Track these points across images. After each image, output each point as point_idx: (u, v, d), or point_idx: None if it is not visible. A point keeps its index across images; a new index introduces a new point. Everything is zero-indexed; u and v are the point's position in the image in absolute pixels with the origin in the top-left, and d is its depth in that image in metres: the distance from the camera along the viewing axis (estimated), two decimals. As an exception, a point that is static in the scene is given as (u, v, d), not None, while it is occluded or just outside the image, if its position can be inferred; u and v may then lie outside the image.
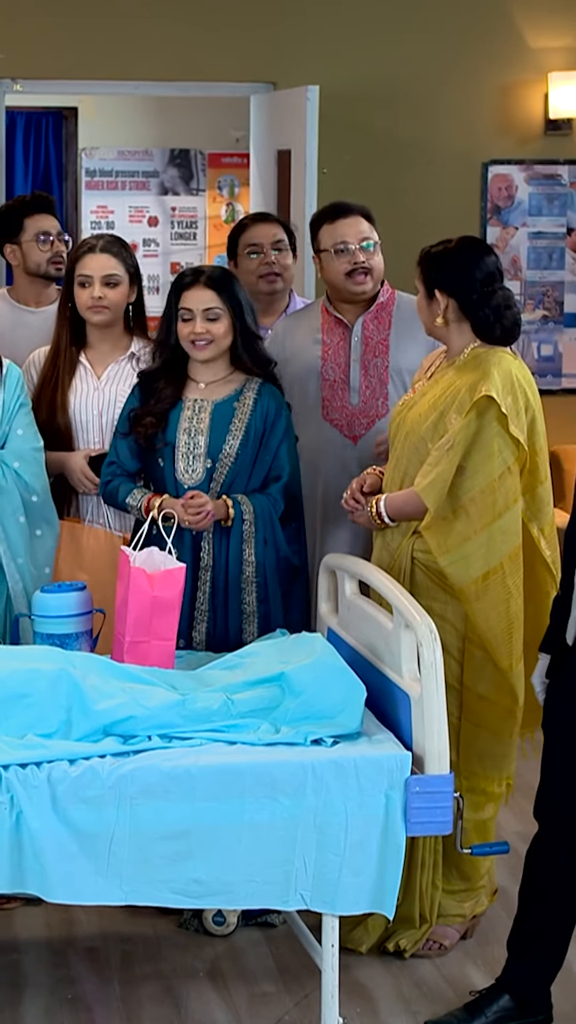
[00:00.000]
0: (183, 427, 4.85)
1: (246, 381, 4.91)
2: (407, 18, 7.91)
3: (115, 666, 4.28)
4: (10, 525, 4.81)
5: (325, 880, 3.97)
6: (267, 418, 4.86)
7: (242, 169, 9.77)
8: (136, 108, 10.57)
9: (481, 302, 4.63)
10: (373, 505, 4.74)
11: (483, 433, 4.54)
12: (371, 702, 4.21)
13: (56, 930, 4.85)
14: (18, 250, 5.76)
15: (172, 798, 3.90)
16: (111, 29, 7.80)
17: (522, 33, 8.02)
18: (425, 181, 7.98)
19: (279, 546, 4.84)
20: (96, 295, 5.14)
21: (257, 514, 4.79)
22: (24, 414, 4.91)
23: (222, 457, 4.81)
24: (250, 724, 4.08)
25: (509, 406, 4.54)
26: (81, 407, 5.19)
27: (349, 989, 4.47)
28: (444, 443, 4.57)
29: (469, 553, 4.55)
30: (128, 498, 4.88)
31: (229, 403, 4.86)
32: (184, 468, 4.83)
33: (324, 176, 7.29)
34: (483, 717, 4.65)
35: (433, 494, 4.56)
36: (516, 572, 4.60)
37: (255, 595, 4.83)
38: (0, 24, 7.71)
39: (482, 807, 4.74)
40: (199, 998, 4.49)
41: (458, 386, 4.62)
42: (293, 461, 4.91)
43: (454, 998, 4.48)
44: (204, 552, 4.82)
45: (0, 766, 3.86)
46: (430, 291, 4.71)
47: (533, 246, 8.26)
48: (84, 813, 3.86)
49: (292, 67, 7.80)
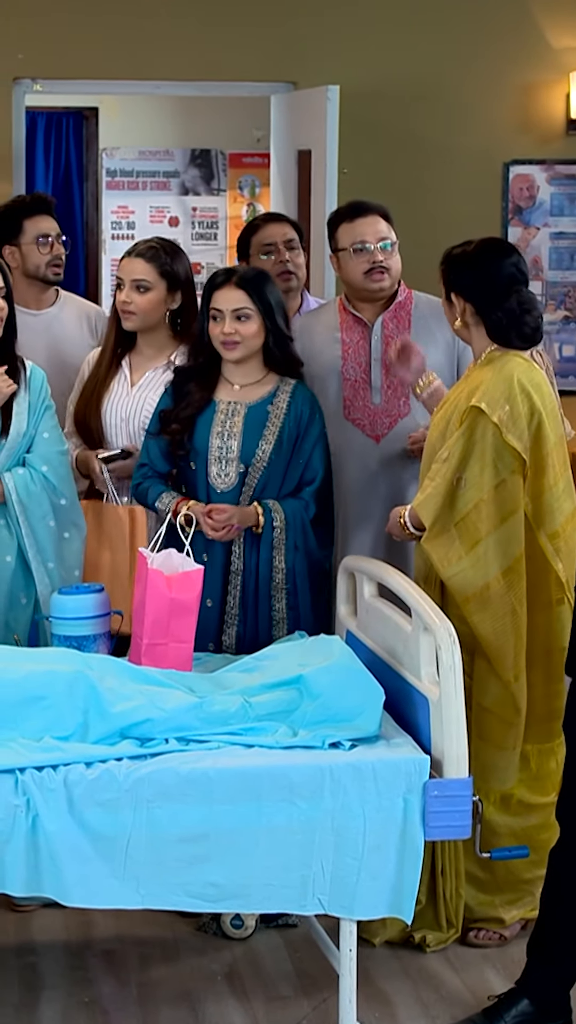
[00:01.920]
0: (215, 431, 4.83)
1: (280, 383, 4.89)
2: (428, 17, 7.89)
3: (132, 668, 4.27)
4: (40, 529, 4.80)
5: (343, 884, 3.95)
6: (300, 422, 4.84)
7: (263, 169, 9.76)
8: (157, 108, 10.57)
9: (495, 305, 4.60)
10: (401, 516, 4.72)
11: (477, 445, 4.50)
12: (389, 705, 4.19)
13: (73, 933, 4.84)
14: (17, 252, 5.70)
15: (189, 801, 3.88)
16: (131, 29, 7.79)
17: (544, 32, 7.99)
18: (446, 181, 7.96)
19: (311, 551, 4.82)
20: (124, 299, 5.16)
21: (288, 521, 4.77)
22: (49, 417, 4.90)
23: (255, 462, 4.80)
24: (268, 727, 4.07)
25: (505, 415, 4.49)
26: (112, 410, 5.20)
27: (368, 993, 4.45)
28: (441, 455, 4.55)
29: (469, 565, 4.52)
30: (157, 501, 4.87)
31: (263, 406, 4.85)
32: (217, 472, 4.81)
33: (344, 176, 7.27)
34: (486, 729, 4.62)
35: (428, 509, 4.54)
36: (519, 583, 4.55)
37: (285, 601, 4.81)
38: (20, 24, 7.71)
39: (516, 813, 4.72)
40: (216, 1002, 4.48)
41: (462, 394, 4.60)
42: (326, 464, 4.90)
43: (473, 1002, 4.46)
44: (235, 556, 4.80)
45: (16, 769, 3.85)
46: (448, 293, 4.69)
47: (555, 246, 8.23)
48: (100, 816, 3.85)
49: (312, 67, 7.79)
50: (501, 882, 4.79)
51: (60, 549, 4.86)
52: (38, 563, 4.81)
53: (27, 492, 4.78)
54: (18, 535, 4.80)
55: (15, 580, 4.79)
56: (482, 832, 4.26)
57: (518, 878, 4.77)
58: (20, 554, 4.82)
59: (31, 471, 4.80)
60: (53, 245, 5.70)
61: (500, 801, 4.71)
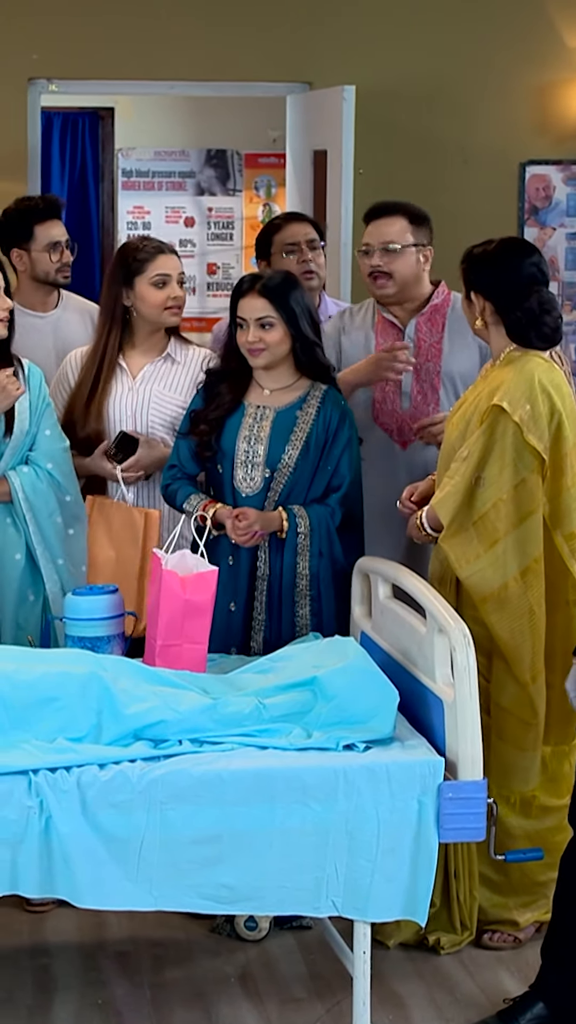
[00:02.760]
0: (243, 434, 4.82)
1: (311, 388, 4.87)
2: (443, 17, 7.88)
3: (146, 670, 4.26)
4: (47, 527, 4.81)
5: (357, 886, 3.94)
6: (329, 427, 4.81)
7: (279, 169, 9.75)
8: (172, 108, 10.56)
9: (514, 305, 4.59)
10: (419, 516, 4.71)
11: (497, 444, 4.49)
12: (404, 707, 4.18)
13: (87, 934, 4.84)
14: (26, 256, 5.68)
15: (203, 803, 3.87)
16: (147, 29, 7.79)
17: (560, 32, 7.97)
18: (462, 181, 7.94)
19: (335, 558, 4.80)
20: (176, 295, 5.17)
21: (312, 527, 4.76)
22: (49, 414, 4.91)
23: (280, 467, 4.78)
24: (282, 729, 4.06)
25: (526, 414, 4.48)
26: (116, 408, 5.18)
27: (381, 996, 4.44)
28: (461, 454, 4.54)
29: (487, 565, 4.51)
30: (185, 503, 4.87)
31: (291, 411, 4.83)
32: (242, 476, 4.80)
33: (360, 176, 7.26)
34: (505, 730, 4.61)
35: (447, 507, 4.53)
36: (537, 583, 4.54)
37: (309, 607, 4.79)
38: (35, 24, 7.71)
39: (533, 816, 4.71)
40: (230, 1003, 4.47)
41: (483, 394, 4.58)
42: (355, 471, 4.87)
43: (487, 1005, 4.45)
44: (260, 562, 4.80)
45: (30, 770, 3.84)
46: (468, 292, 4.68)
47: (571, 247, 8.21)
48: (114, 818, 3.84)
49: (328, 67, 7.78)
50: (515, 884, 4.78)
51: (67, 545, 4.86)
52: (46, 560, 4.81)
53: (34, 490, 4.79)
54: (25, 533, 4.80)
55: (23, 578, 4.81)
56: (497, 834, 4.24)
57: (532, 880, 4.76)
58: (28, 552, 4.82)
59: (36, 469, 4.81)
60: (63, 252, 5.69)
61: (520, 804, 4.69)
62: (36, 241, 5.65)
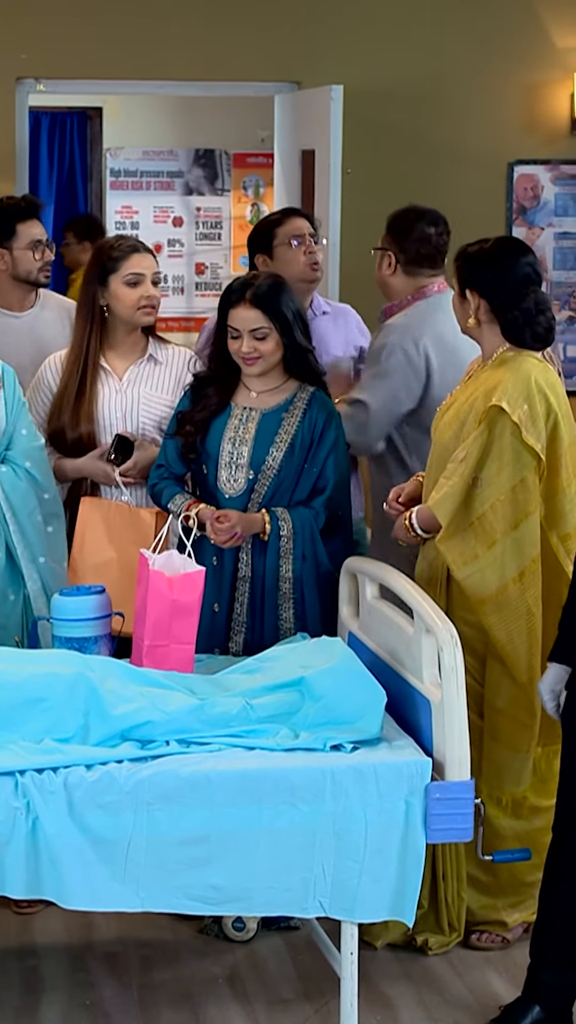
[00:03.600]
0: (228, 436, 4.81)
1: (298, 390, 4.85)
2: (432, 17, 7.88)
3: (133, 670, 4.25)
4: (28, 525, 4.81)
5: (344, 887, 3.94)
6: (315, 429, 4.79)
7: (267, 169, 9.74)
8: (161, 108, 10.55)
9: (511, 304, 4.59)
10: (407, 517, 4.70)
11: (495, 444, 4.49)
12: (392, 707, 4.18)
13: (75, 935, 4.83)
14: (8, 255, 5.66)
15: (190, 804, 3.87)
16: (135, 29, 7.78)
17: (548, 32, 7.97)
18: (450, 181, 7.94)
19: (319, 561, 4.78)
20: (149, 294, 5.15)
21: (296, 530, 4.74)
22: (25, 413, 4.90)
23: (264, 469, 4.77)
24: (269, 729, 4.05)
25: (524, 414, 4.48)
26: (105, 410, 5.17)
27: (369, 996, 4.44)
28: (458, 454, 4.54)
29: (485, 566, 4.51)
30: (170, 503, 4.86)
31: (277, 413, 4.81)
32: (226, 478, 4.79)
33: (348, 176, 7.26)
34: (500, 731, 4.61)
35: (445, 508, 4.52)
36: (535, 584, 4.54)
37: (292, 611, 4.78)
38: (24, 24, 7.70)
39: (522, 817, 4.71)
40: (218, 1004, 4.46)
41: (477, 394, 4.58)
42: (340, 474, 4.84)
43: (475, 1006, 4.45)
44: (242, 564, 4.79)
45: (16, 771, 3.84)
46: (463, 290, 4.68)
47: (559, 246, 8.22)
48: (101, 819, 3.84)
49: (316, 66, 7.78)
50: (504, 885, 4.77)
51: (48, 543, 4.86)
52: (27, 559, 4.80)
53: (14, 489, 4.78)
54: (5, 533, 4.79)
55: (3, 577, 4.80)
56: (486, 835, 4.24)
57: (520, 881, 4.76)
58: (7, 551, 4.81)
59: (15, 468, 4.80)
60: (45, 251, 5.68)
61: (512, 805, 4.69)
62: (18, 239, 5.64)
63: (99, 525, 5.09)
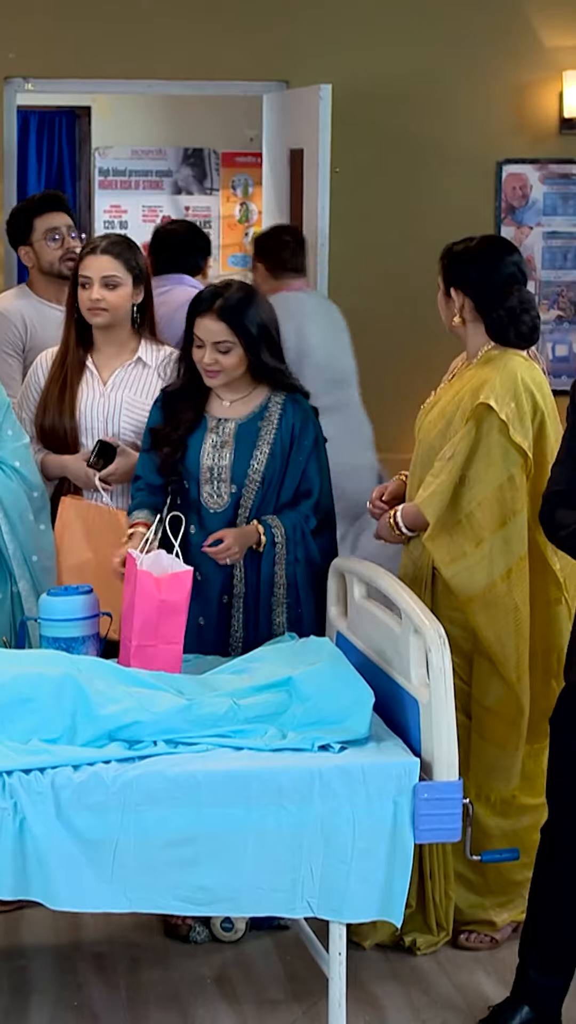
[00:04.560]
0: (206, 451, 4.74)
1: (271, 395, 4.78)
2: (421, 16, 7.87)
3: (121, 670, 4.25)
4: (20, 525, 4.80)
5: (332, 887, 3.93)
6: (293, 432, 4.74)
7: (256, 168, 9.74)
8: (150, 107, 10.54)
9: (496, 303, 4.58)
10: (392, 516, 4.70)
11: (483, 442, 4.49)
12: (380, 707, 4.17)
13: (63, 936, 4.82)
14: (31, 251, 5.75)
15: (178, 804, 3.86)
16: (124, 28, 7.77)
17: (537, 32, 7.97)
18: (439, 180, 7.94)
19: (312, 560, 4.75)
20: (95, 296, 5.09)
21: (288, 535, 4.71)
22: (10, 412, 4.89)
23: (247, 482, 4.71)
24: (257, 729, 4.05)
25: (512, 412, 4.48)
26: (87, 412, 5.15)
27: (358, 997, 4.43)
28: (445, 453, 4.53)
29: (473, 564, 4.51)
30: (134, 512, 4.81)
31: (254, 422, 4.75)
32: (209, 493, 4.74)
33: (337, 175, 7.25)
34: (489, 729, 4.61)
35: (432, 506, 4.52)
36: (522, 582, 4.54)
37: (285, 614, 4.75)
38: (11, 23, 7.69)
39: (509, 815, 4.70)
40: (206, 1005, 4.46)
41: (464, 392, 4.58)
42: (324, 474, 4.80)
43: (464, 1006, 4.45)
44: (236, 580, 4.73)
45: (3, 772, 3.82)
46: (447, 288, 4.67)
47: (548, 246, 8.21)
48: (88, 819, 3.83)
49: (305, 66, 7.77)
50: (492, 884, 4.77)
51: (40, 541, 4.86)
52: (19, 559, 4.79)
53: (6, 490, 4.77)
54: None
55: None
56: (474, 835, 4.23)
57: (509, 880, 4.75)
58: None
59: (4, 468, 4.79)
60: (64, 239, 5.71)
61: (500, 804, 4.69)
62: (35, 232, 5.74)
63: (78, 526, 5.09)
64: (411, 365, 5.21)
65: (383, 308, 7.69)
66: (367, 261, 7.75)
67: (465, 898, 4.78)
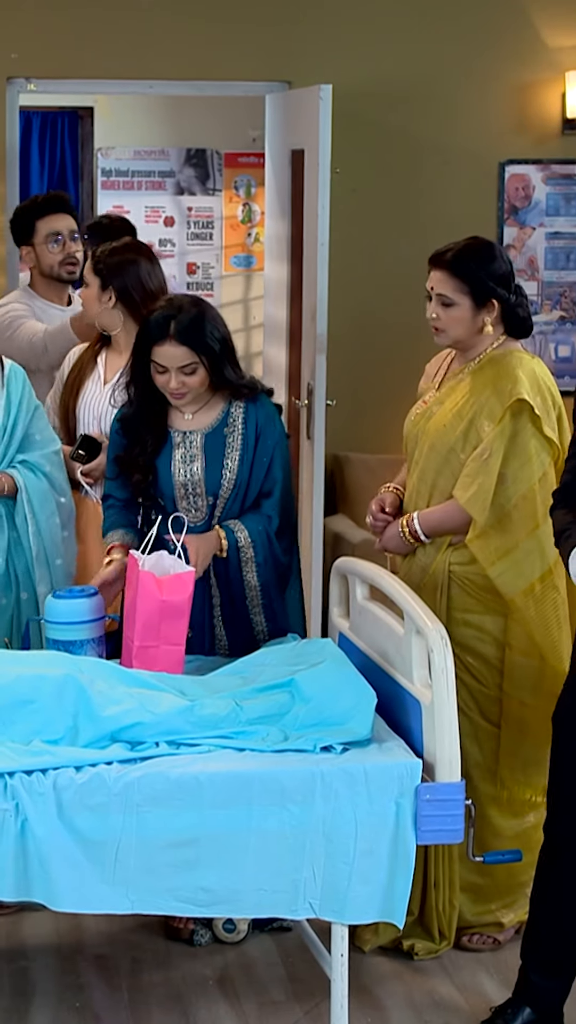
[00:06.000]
0: (176, 467, 4.68)
1: (231, 399, 4.71)
2: (423, 16, 7.86)
3: (123, 671, 4.24)
4: (47, 528, 4.84)
5: (334, 889, 3.93)
6: (257, 431, 4.69)
7: (259, 169, 9.72)
8: (152, 108, 10.53)
9: (517, 300, 4.63)
10: (404, 525, 4.68)
11: (519, 437, 4.50)
12: (382, 708, 4.17)
13: (65, 937, 4.82)
14: (32, 252, 5.75)
15: (179, 806, 3.86)
16: (126, 28, 7.76)
17: (539, 32, 7.95)
18: (441, 181, 7.92)
19: (279, 561, 4.73)
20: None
21: (253, 539, 4.66)
22: (40, 416, 4.90)
23: (222, 492, 4.68)
24: (259, 731, 4.05)
25: (540, 406, 4.52)
26: (86, 408, 5.19)
27: (360, 998, 4.43)
28: (481, 452, 4.52)
29: (518, 560, 4.52)
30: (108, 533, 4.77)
31: (219, 431, 4.69)
32: (186, 508, 4.68)
33: (338, 176, 7.24)
34: (526, 723, 4.60)
35: (478, 505, 4.51)
36: (561, 571, 4.54)
37: (263, 615, 4.74)
38: (14, 23, 7.67)
39: (523, 814, 4.69)
40: (208, 1006, 4.46)
41: (482, 392, 4.57)
42: (285, 472, 4.76)
43: (466, 1007, 4.44)
44: (213, 588, 4.71)
45: (5, 773, 3.83)
46: (481, 301, 4.62)
47: (550, 246, 8.19)
48: (90, 821, 3.83)
49: (308, 66, 7.75)
50: (500, 885, 4.76)
51: (65, 547, 4.91)
52: (41, 561, 4.81)
53: (36, 491, 4.82)
54: (12, 537, 4.80)
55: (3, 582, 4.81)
56: (485, 835, 4.23)
57: (516, 880, 4.75)
58: (7, 557, 4.81)
59: (37, 472, 4.82)
60: (65, 243, 5.70)
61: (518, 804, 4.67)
62: (37, 234, 5.74)
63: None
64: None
65: (383, 308, 7.68)
66: (368, 262, 7.74)
67: (471, 906, 4.77)
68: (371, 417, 7.53)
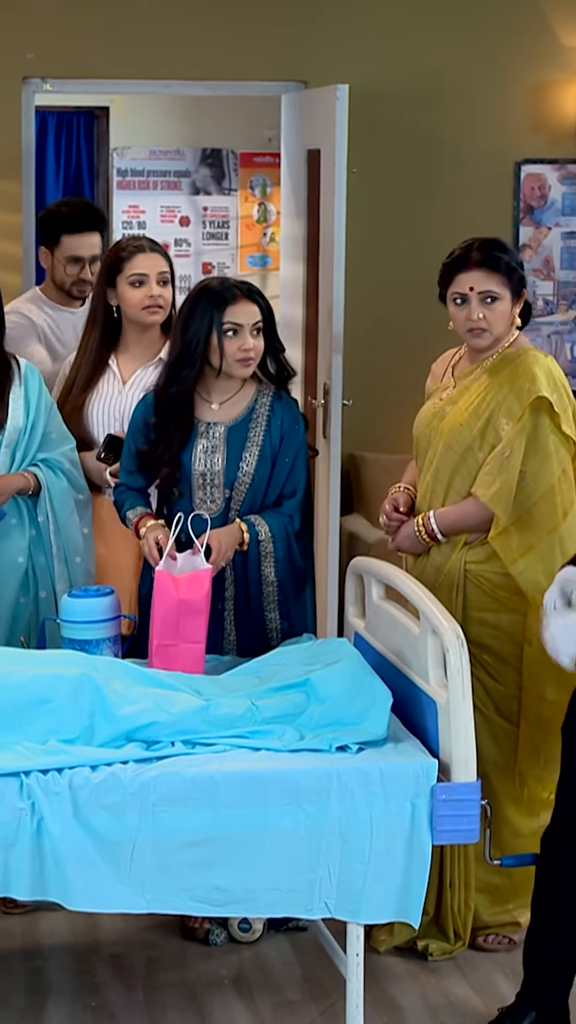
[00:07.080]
0: (197, 457, 4.71)
1: (257, 394, 4.77)
2: (439, 16, 7.85)
3: (139, 671, 4.25)
4: (66, 525, 4.85)
5: (350, 888, 3.93)
6: (282, 431, 4.73)
7: (274, 168, 9.72)
8: (168, 107, 10.53)
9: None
10: (420, 524, 4.67)
11: (538, 434, 4.51)
12: (398, 708, 4.17)
13: (81, 936, 4.82)
14: (50, 258, 5.71)
15: (195, 805, 3.86)
16: (142, 28, 7.76)
17: (555, 31, 7.94)
18: (457, 181, 7.91)
19: (295, 563, 4.74)
20: (155, 293, 5.11)
21: (274, 533, 4.69)
22: (55, 414, 4.93)
23: (238, 485, 4.70)
24: (275, 730, 4.05)
25: (557, 403, 4.52)
26: (103, 411, 5.16)
27: (376, 998, 4.43)
28: (501, 450, 4.52)
29: (540, 557, 4.51)
30: (130, 512, 4.79)
31: (243, 424, 4.73)
32: (202, 498, 4.71)
33: (354, 176, 7.23)
34: (545, 719, 4.59)
35: (502, 503, 4.51)
36: None
37: (277, 611, 4.74)
38: (30, 23, 7.68)
39: (538, 813, 4.68)
40: (224, 1006, 4.46)
41: (499, 390, 4.57)
42: (308, 475, 4.80)
43: (482, 1008, 4.44)
44: (227, 580, 4.72)
45: (21, 772, 3.83)
46: (517, 292, 4.66)
47: (566, 246, 8.18)
48: (106, 820, 3.83)
49: (324, 65, 7.75)
50: (517, 884, 4.75)
51: (86, 544, 4.91)
52: (60, 559, 4.83)
53: (57, 489, 4.84)
54: (32, 536, 4.81)
55: (22, 581, 4.82)
56: (505, 835, 4.21)
57: None
58: (29, 554, 4.83)
59: (57, 471, 4.84)
60: (84, 268, 5.64)
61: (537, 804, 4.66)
62: (61, 249, 5.65)
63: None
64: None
65: (399, 308, 7.67)
66: (383, 261, 7.73)
67: (488, 907, 4.76)
68: (387, 417, 7.51)
